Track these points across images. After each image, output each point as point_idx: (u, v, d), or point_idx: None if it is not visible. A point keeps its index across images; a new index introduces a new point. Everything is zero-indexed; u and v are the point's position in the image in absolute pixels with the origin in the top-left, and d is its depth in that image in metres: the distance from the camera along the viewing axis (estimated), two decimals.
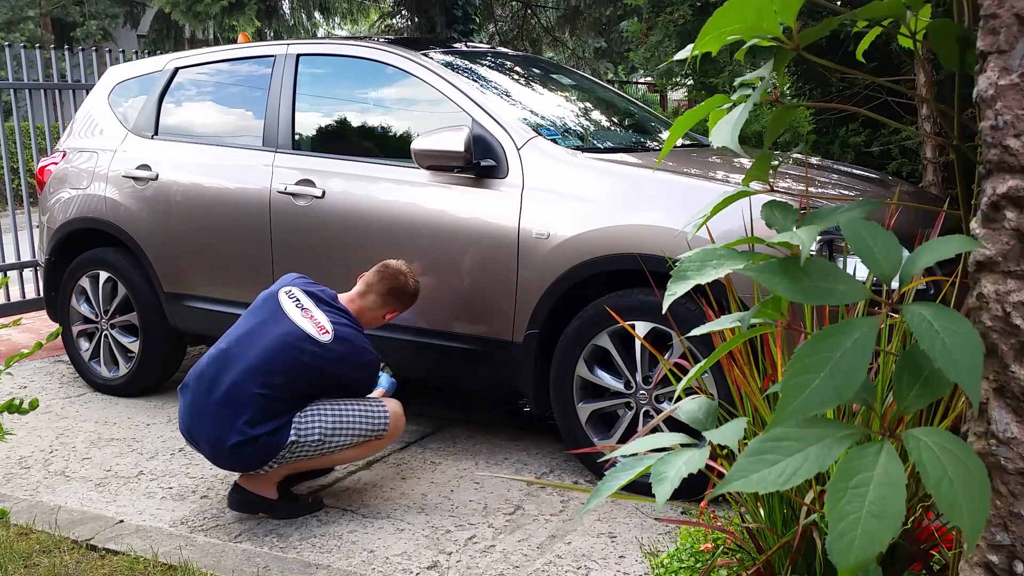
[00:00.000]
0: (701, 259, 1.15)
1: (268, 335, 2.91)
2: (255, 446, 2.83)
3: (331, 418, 2.92)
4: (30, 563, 2.67)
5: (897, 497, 0.92)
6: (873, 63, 5.28)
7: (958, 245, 1.04)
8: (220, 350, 2.96)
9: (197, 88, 4.42)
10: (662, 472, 1.17)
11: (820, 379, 0.97)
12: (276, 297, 3.02)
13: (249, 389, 2.83)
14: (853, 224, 1.09)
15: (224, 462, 2.92)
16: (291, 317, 2.93)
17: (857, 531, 0.91)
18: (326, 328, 2.91)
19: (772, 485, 0.98)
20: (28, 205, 6.46)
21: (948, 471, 0.93)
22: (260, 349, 2.88)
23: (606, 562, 2.67)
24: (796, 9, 1.09)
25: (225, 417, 2.83)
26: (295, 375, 2.87)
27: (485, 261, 3.33)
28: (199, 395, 2.90)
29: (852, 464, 0.95)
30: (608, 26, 12.43)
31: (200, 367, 2.96)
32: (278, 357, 2.86)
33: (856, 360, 0.97)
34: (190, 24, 11.73)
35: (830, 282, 1.04)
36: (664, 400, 3.06)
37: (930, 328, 0.97)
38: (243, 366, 2.86)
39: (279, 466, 2.92)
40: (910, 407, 1.02)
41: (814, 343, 0.99)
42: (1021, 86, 1.02)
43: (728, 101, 1.25)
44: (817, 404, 0.96)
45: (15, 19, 18.90)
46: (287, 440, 2.85)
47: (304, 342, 2.87)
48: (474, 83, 3.70)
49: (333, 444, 2.92)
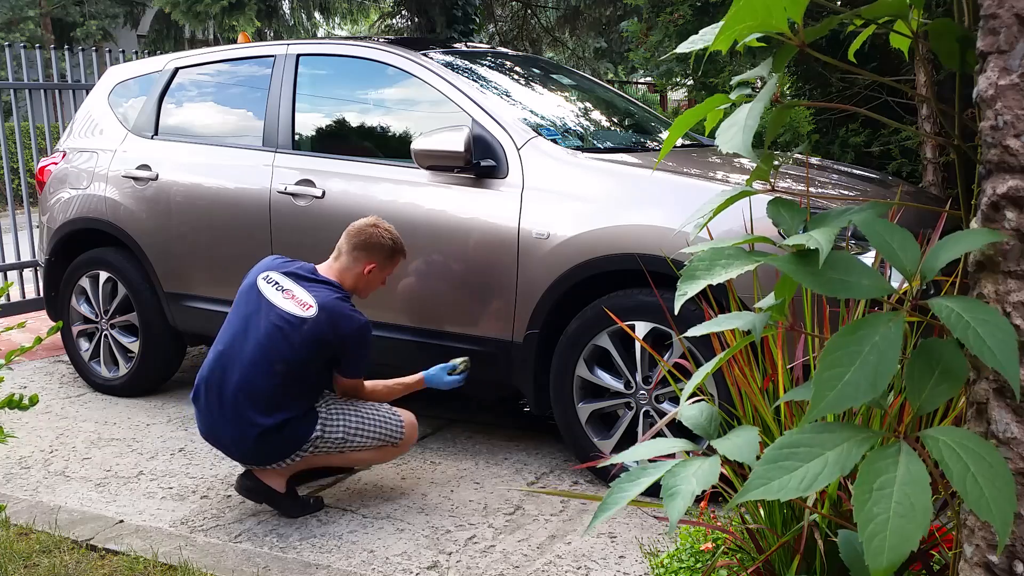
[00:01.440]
0: (710, 259, 1.14)
1: (257, 327, 2.93)
2: (281, 433, 2.87)
3: (354, 418, 2.99)
4: (30, 563, 2.67)
5: (923, 495, 0.93)
6: (873, 63, 5.28)
7: (980, 238, 1.03)
8: (218, 353, 2.98)
9: (197, 88, 4.42)
10: (673, 486, 1.15)
11: (852, 372, 0.97)
12: (255, 286, 3.02)
13: (255, 382, 2.87)
14: (871, 222, 1.09)
15: (252, 457, 2.94)
16: (274, 302, 2.94)
17: (886, 532, 0.91)
18: (309, 303, 2.91)
19: (794, 492, 0.98)
20: (28, 205, 6.46)
21: (971, 468, 0.94)
22: (253, 343, 2.91)
23: (606, 562, 2.67)
24: (804, 6, 1.09)
25: (240, 416, 2.88)
26: (293, 357, 2.88)
27: (485, 261, 3.33)
28: (211, 403, 2.94)
29: (874, 466, 0.96)
30: (608, 26, 12.43)
31: (204, 374, 2.98)
32: (271, 345, 2.88)
33: (887, 351, 0.97)
34: (190, 24, 11.73)
35: (854, 276, 1.04)
36: (664, 400, 3.06)
37: (960, 320, 0.97)
38: (242, 364, 2.90)
39: (299, 460, 2.96)
40: (925, 406, 1.02)
41: (841, 338, 1.00)
42: (1021, 86, 1.02)
43: (727, 101, 1.25)
44: (851, 398, 0.96)
45: (15, 19, 18.91)
46: (312, 434, 2.91)
47: (292, 323, 2.89)
48: (474, 83, 3.70)
49: (354, 443, 2.99)
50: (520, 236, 3.25)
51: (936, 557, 1.74)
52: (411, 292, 3.52)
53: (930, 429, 0.99)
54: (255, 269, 3.11)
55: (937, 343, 1.04)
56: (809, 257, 1.05)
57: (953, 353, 1.03)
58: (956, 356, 1.02)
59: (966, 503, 0.92)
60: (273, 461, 2.94)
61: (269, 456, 2.93)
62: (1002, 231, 1.05)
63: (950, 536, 1.69)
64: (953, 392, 1.02)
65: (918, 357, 1.03)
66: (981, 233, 1.04)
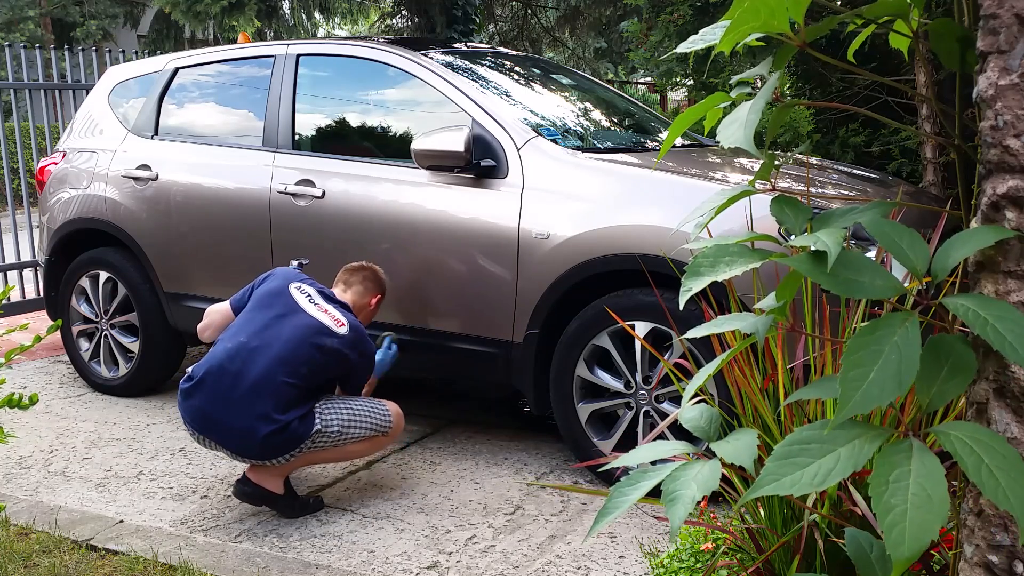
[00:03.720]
0: (714, 255, 1.14)
1: (288, 327, 3.00)
2: (285, 433, 2.90)
3: (347, 412, 3.06)
4: (30, 563, 2.67)
5: (938, 486, 0.94)
6: (873, 63, 5.28)
7: (989, 236, 1.03)
8: (239, 344, 2.97)
9: (197, 88, 4.42)
10: (673, 491, 1.15)
11: (875, 371, 0.98)
12: (288, 292, 3.11)
13: (278, 378, 2.91)
14: (878, 222, 1.09)
15: (252, 451, 2.94)
16: (309, 312, 3.05)
17: (905, 522, 0.92)
18: (342, 321, 3.06)
19: (806, 487, 0.99)
20: (28, 205, 6.46)
21: (985, 460, 0.95)
22: (284, 341, 2.96)
23: (606, 562, 2.67)
24: (806, 6, 1.10)
25: (256, 407, 2.88)
26: (318, 365, 2.98)
27: (485, 261, 3.33)
28: (223, 388, 2.91)
29: (888, 460, 0.97)
30: (608, 26, 12.43)
31: (216, 362, 2.94)
32: (302, 349, 2.96)
33: (907, 350, 0.98)
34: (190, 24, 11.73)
35: (867, 276, 1.04)
36: (664, 400, 3.06)
37: (978, 316, 0.98)
38: (270, 357, 2.92)
39: (296, 458, 2.98)
40: (935, 402, 1.03)
41: (860, 339, 1.00)
42: (1021, 86, 1.02)
43: (727, 99, 1.25)
44: (876, 397, 0.97)
45: (15, 19, 18.91)
46: (312, 429, 2.95)
47: (325, 335, 3.00)
48: (474, 83, 3.70)
49: (349, 435, 3.04)
50: (520, 236, 3.25)
51: (936, 557, 1.74)
52: (411, 292, 3.52)
53: (940, 425, 1.00)
54: (281, 277, 3.17)
55: (945, 339, 1.04)
56: (822, 256, 1.05)
57: (962, 349, 1.03)
58: (965, 352, 1.03)
59: (984, 493, 0.93)
60: (272, 457, 2.94)
61: (269, 452, 2.93)
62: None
63: (950, 536, 1.69)
64: (963, 388, 1.02)
65: (926, 354, 1.03)
66: (990, 231, 1.04)
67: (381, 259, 3.49)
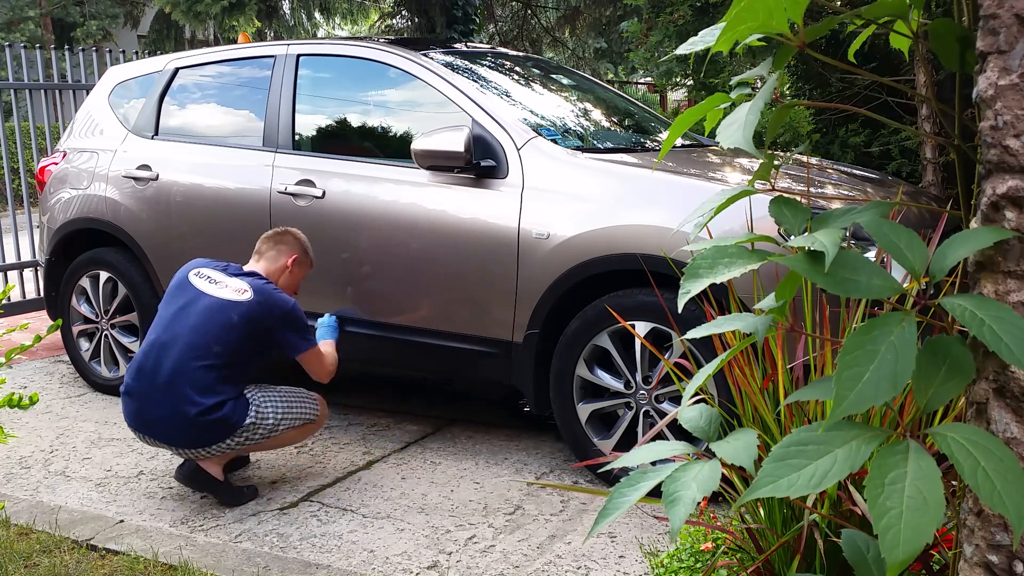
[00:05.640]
0: (713, 257, 1.14)
1: (193, 315, 3.05)
2: (216, 413, 2.95)
3: (282, 403, 3.14)
4: (30, 563, 2.67)
5: (934, 488, 0.94)
6: (873, 63, 5.28)
7: (988, 237, 1.03)
8: (151, 342, 3.09)
9: (197, 88, 4.42)
10: (673, 492, 1.15)
11: (871, 371, 0.98)
12: (187, 281, 3.17)
13: (191, 365, 2.97)
14: (877, 223, 1.09)
15: (184, 438, 3.00)
16: (209, 292, 3.09)
17: (900, 525, 0.92)
18: (244, 288, 3.08)
19: (803, 489, 0.99)
20: (28, 205, 6.46)
21: (981, 462, 0.95)
22: (189, 328, 3.02)
23: (606, 562, 2.67)
24: (804, 7, 1.10)
25: (176, 395, 2.96)
26: (232, 341, 3.01)
27: (485, 261, 3.33)
28: (144, 386, 3.03)
29: (884, 462, 0.97)
30: (608, 26, 12.43)
31: (136, 364, 3.08)
32: (209, 329, 3.01)
33: (904, 350, 0.98)
34: (190, 24, 11.73)
35: (864, 276, 1.04)
36: (664, 400, 3.06)
37: (974, 317, 0.98)
38: (179, 347, 3.00)
39: (232, 449, 3.05)
40: (932, 403, 1.02)
41: (856, 338, 1.00)
42: (1021, 86, 1.02)
43: (727, 100, 1.25)
44: (872, 396, 0.97)
45: (15, 19, 18.91)
46: (246, 420, 3.01)
47: (229, 308, 3.04)
48: (474, 83, 3.70)
49: (283, 426, 3.12)
50: (520, 236, 3.25)
51: (936, 557, 1.74)
52: (411, 292, 3.52)
53: (938, 426, 1.00)
54: (182, 269, 3.25)
55: (943, 340, 1.04)
56: (820, 256, 1.05)
57: (960, 350, 1.03)
58: (963, 353, 1.03)
59: (979, 497, 0.93)
60: (205, 445, 3.01)
61: (201, 440, 2.99)
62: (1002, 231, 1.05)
63: (950, 536, 1.69)
64: (960, 388, 1.02)
65: (924, 354, 1.03)
66: (989, 231, 1.04)
67: (381, 259, 3.49)
